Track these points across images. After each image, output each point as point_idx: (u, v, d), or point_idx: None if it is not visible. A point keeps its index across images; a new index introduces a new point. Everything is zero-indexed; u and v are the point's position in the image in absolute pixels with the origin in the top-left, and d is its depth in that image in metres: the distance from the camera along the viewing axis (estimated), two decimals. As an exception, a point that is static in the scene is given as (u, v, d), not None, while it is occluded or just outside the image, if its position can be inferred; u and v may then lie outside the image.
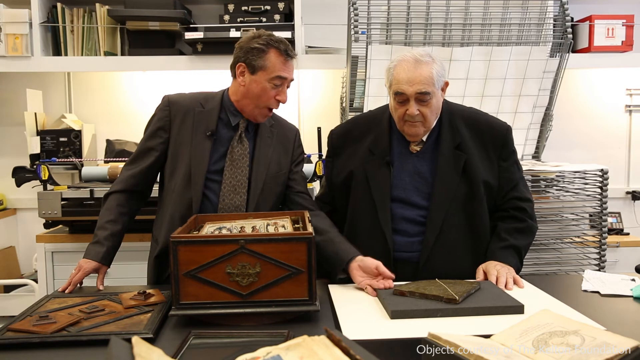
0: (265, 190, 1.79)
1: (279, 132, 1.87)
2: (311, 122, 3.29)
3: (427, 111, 1.64)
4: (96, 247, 1.67)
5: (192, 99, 1.79)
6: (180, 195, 1.73)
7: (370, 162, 1.75)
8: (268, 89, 1.70)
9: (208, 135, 1.74)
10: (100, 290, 1.61)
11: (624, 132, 3.47)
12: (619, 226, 3.21)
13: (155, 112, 1.81)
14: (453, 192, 1.70)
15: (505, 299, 1.41)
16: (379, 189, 1.72)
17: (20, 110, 3.12)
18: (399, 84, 1.63)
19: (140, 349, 0.81)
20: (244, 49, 1.71)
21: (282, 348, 0.86)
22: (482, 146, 1.74)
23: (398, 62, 1.66)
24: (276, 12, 2.95)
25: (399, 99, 1.65)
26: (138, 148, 1.81)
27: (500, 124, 1.79)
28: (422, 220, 1.71)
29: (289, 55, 1.71)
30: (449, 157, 1.71)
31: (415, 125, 1.67)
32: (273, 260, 1.30)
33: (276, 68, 1.69)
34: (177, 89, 2.00)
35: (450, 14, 2.67)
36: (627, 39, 2.97)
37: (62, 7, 2.96)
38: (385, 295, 1.45)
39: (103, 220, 1.73)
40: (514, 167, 1.79)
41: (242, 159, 1.76)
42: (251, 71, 1.70)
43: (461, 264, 1.71)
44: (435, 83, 1.62)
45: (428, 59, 1.63)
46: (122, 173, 1.81)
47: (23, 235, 3.33)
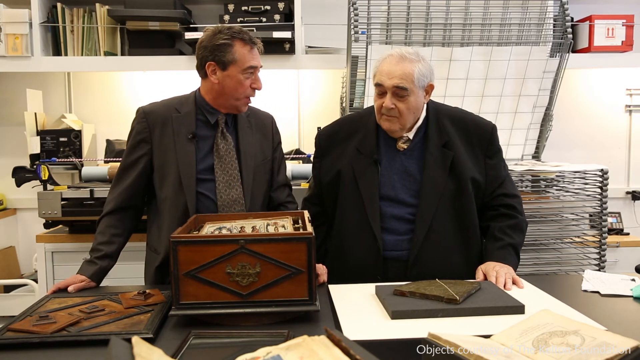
0: (257, 179, 1.82)
1: (257, 121, 1.90)
2: (311, 122, 3.29)
3: (404, 107, 1.66)
4: (89, 265, 1.68)
5: (166, 106, 1.81)
6: (175, 201, 1.74)
7: (358, 161, 1.76)
8: (242, 80, 1.73)
9: (190, 138, 1.76)
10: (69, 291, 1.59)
11: (624, 132, 3.47)
12: (619, 226, 3.21)
13: (132, 126, 1.81)
14: (441, 189, 1.71)
15: (505, 299, 1.41)
16: (367, 188, 1.73)
17: (20, 110, 3.13)
18: (380, 75, 1.67)
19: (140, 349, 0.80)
20: (209, 48, 1.72)
21: (282, 348, 0.86)
22: (468, 144, 1.76)
23: (386, 55, 1.69)
24: (276, 12, 2.95)
25: (378, 91, 1.69)
26: (121, 165, 1.81)
27: (486, 123, 1.81)
28: (410, 218, 1.72)
29: (254, 43, 1.75)
30: (436, 155, 1.73)
31: (390, 120, 1.69)
32: (273, 260, 1.30)
33: (246, 59, 1.72)
34: (177, 89, 2.00)
35: (450, 14, 2.67)
36: (627, 39, 2.97)
37: (62, 7, 2.96)
38: (386, 296, 1.45)
39: (96, 243, 1.73)
40: (500, 165, 1.81)
41: (229, 153, 1.78)
42: (222, 68, 1.72)
43: (450, 261, 1.72)
44: (415, 81, 1.64)
45: (414, 57, 1.66)
46: (110, 193, 1.80)
47: (23, 235, 3.33)
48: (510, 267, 1.65)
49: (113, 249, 1.72)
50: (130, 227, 1.80)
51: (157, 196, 1.80)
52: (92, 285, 1.65)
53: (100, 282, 1.69)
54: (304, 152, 3.11)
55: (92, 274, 1.65)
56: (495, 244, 1.73)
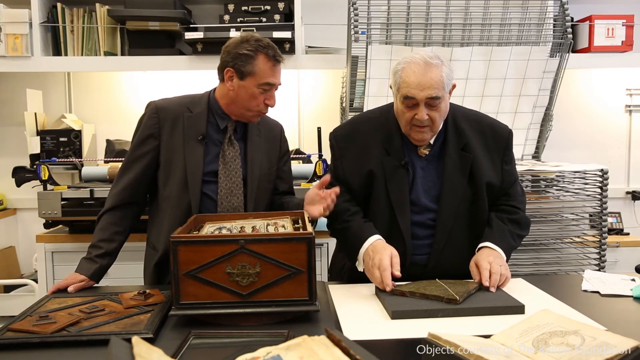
0: (261, 189, 1.81)
1: (266, 130, 1.88)
2: (311, 122, 3.29)
3: (436, 115, 1.59)
4: (88, 263, 1.66)
5: (179, 104, 1.78)
6: (178, 201, 1.73)
7: (387, 161, 1.69)
8: (257, 94, 1.69)
9: (200, 139, 1.74)
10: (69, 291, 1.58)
11: (624, 132, 3.47)
12: (619, 226, 3.22)
13: (142, 119, 1.78)
14: (461, 194, 1.68)
15: (505, 299, 1.41)
16: (397, 192, 1.68)
17: (20, 110, 3.13)
18: (409, 87, 1.56)
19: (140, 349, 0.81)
20: (232, 54, 1.69)
21: (282, 348, 0.86)
22: (485, 147, 1.72)
23: (407, 64, 1.59)
24: (276, 12, 2.95)
25: (408, 103, 1.59)
26: (126, 158, 1.78)
27: (503, 127, 1.77)
28: (430, 224, 1.69)
29: (277, 60, 1.71)
30: (455, 158, 1.68)
31: (423, 131, 1.62)
32: (273, 260, 1.30)
33: (265, 74, 1.68)
34: (177, 89, 2.00)
35: (450, 14, 2.67)
36: (627, 39, 2.97)
37: (62, 7, 2.96)
38: (386, 296, 1.45)
39: (96, 239, 1.71)
40: (514, 170, 1.79)
41: (234, 161, 1.77)
42: (240, 77, 1.69)
43: (466, 265, 1.66)
44: (445, 87, 1.58)
45: (438, 61, 1.58)
46: (112, 188, 1.77)
47: (23, 235, 3.33)
48: (503, 256, 1.60)
49: (113, 247, 1.71)
50: (131, 224, 1.79)
51: (160, 194, 1.78)
52: (92, 284, 1.64)
53: (99, 280, 1.68)
54: (304, 152, 3.11)
55: (91, 273, 1.64)
56: (491, 229, 1.68)
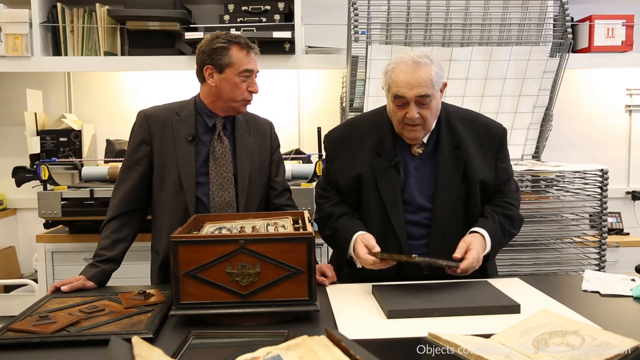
0: (253, 182, 1.84)
1: (255, 125, 1.92)
2: (311, 122, 3.29)
3: (427, 114, 1.61)
4: (90, 268, 1.69)
5: (167, 110, 1.84)
6: (174, 203, 1.77)
7: (377, 163, 1.70)
8: (239, 83, 1.76)
9: (189, 140, 1.78)
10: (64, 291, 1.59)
11: (624, 132, 3.47)
12: (619, 226, 3.21)
13: (133, 128, 1.84)
14: (455, 193, 1.68)
15: (501, 299, 1.42)
16: (389, 193, 1.68)
17: (20, 110, 3.13)
18: (398, 87, 1.59)
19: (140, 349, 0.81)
20: (207, 52, 1.76)
21: (282, 348, 0.86)
22: (479, 146, 1.72)
23: (396, 64, 1.62)
24: (276, 12, 2.95)
25: (398, 102, 1.61)
26: (122, 168, 1.83)
27: (497, 126, 1.78)
28: (426, 223, 1.69)
29: (250, 47, 1.79)
30: (449, 157, 1.69)
31: (415, 130, 1.64)
32: (273, 260, 1.30)
33: (242, 62, 1.76)
34: (177, 89, 2.00)
35: (450, 14, 2.67)
36: (627, 39, 2.97)
37: (62, 7, 2.96)
38: (382, 295, 1.45)
39: (98, 248, 1.75)
40: (509, 167, 1.79)
41: (224, 156, 1.80)
42: (219, 70, 1.76)
43: None
44: (434, 85, 1.59)
45: (426, 60, 1.60)
46: (113, 197, 1.82)
47: (23, 235, 3.33)
48: (486, 246, 1.61)
49: (115, 254, 1.74)
50: (134, 230, 1.82)
51: (156, 198, 1.82)
52: (89, 284, 1.64)
53: (104, 284, 1.70)
54: (304, 152, 3.11)
55: (92, 275, 1.66)
56: (485, 219, 1.69)
